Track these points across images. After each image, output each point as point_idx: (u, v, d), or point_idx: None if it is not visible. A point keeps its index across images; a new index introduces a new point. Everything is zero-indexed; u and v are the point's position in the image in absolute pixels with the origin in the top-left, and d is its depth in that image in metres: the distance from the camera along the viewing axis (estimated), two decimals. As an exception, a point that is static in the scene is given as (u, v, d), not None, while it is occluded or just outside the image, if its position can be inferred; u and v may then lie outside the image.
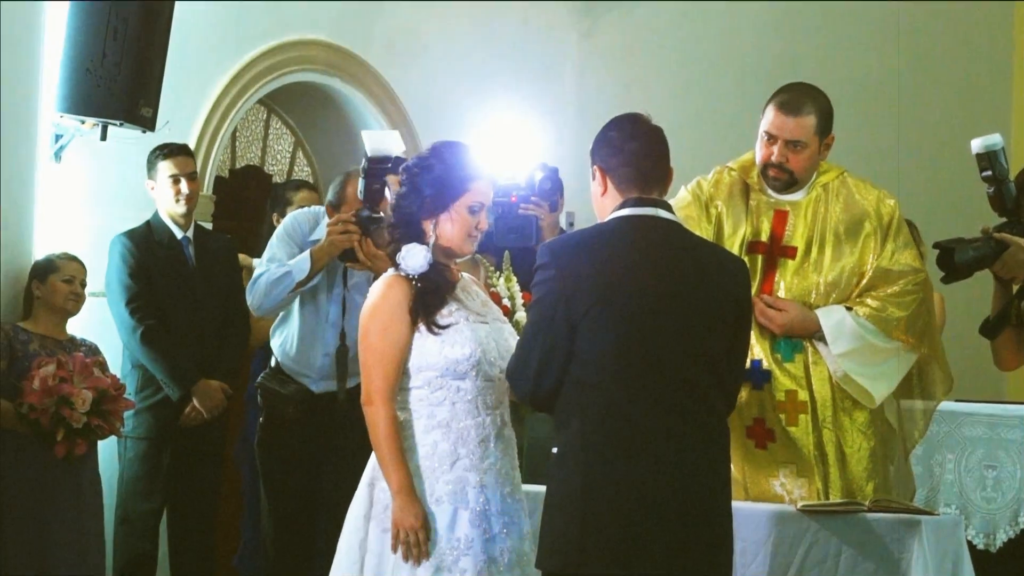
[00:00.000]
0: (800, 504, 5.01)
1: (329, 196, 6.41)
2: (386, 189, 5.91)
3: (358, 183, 6.03)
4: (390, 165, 5.89)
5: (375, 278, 5.84)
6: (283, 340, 6.49)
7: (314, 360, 6.41)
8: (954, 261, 5.64)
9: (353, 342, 6.00)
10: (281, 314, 6.50)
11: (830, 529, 4.92)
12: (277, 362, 6.50)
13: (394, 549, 4.53)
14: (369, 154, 5.93)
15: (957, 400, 6.58)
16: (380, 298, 4.65)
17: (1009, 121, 10.08)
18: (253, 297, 6.34)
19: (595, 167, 4.46)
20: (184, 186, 7.13)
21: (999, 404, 7.18)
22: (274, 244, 6.44)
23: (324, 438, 6.40)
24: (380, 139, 5.98)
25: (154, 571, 7.13)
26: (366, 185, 6.01)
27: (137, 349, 6.95)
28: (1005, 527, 6.76)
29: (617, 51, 9.72)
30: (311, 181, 9.20)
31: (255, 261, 6.45)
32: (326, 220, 6.34)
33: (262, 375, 6.54)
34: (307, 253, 6.26)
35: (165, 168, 7.12)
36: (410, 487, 4.54)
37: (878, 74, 9.93)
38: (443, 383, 4.61)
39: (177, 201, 7.13)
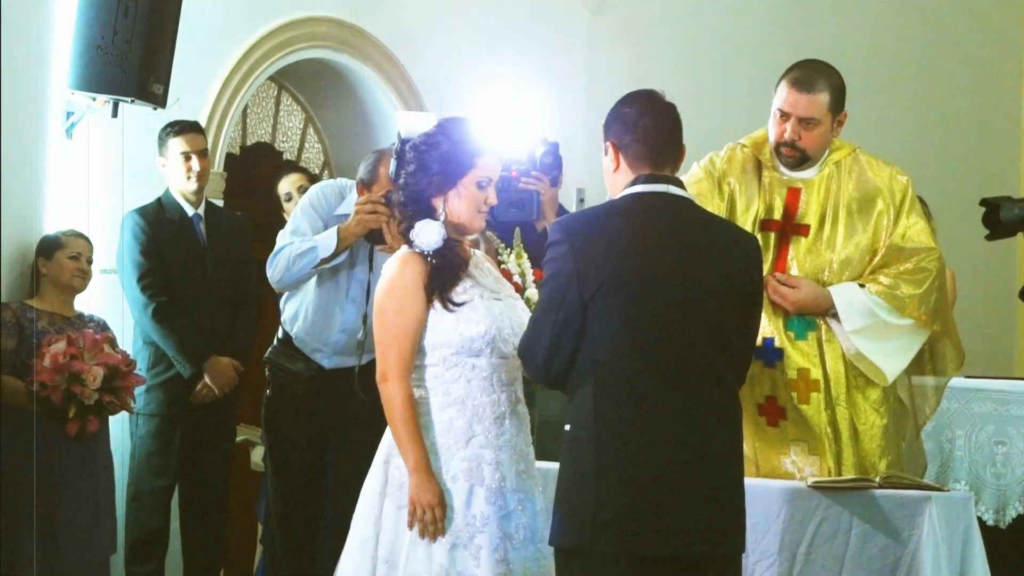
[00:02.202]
0: (811, 480, 5.02)
1: (361, 174, 6.31)
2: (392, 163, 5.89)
3: (390, 163, 6.00)
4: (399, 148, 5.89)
5: None
6: (296, 312, 6.40)
7: (329, 335, 6.37)
8: (999, 218, 5.63)
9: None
10: None
11: (840, 505, 4.93)
12: (285, 335, 6.45)
13: (410, 526, 4.54)
14: (403, 135, 5.78)
15: (967, 376, 6.58)
16: (395, 275, 4.66)
17: (1020, 96, 10.06)
18: (274, 271, 6.22)
19: (608, 143, 4.46)
20: (195, 163, 7.14)
21: (1009, 380, 7.19)
22: (298, 216, 6.32)
23: (333, 414, 6.39)
24: (415, 121, 5.88)
25: (166, 547, 7.16)
26: (397, 165, 5.82)
27: (149, 326, 6.97)
28: (1015, 503, 6.77)
29: (627, 28, 9.70)
30: (323, 158, 9.22)
31: (279, 233, 6.39)
32: (353, 195, 6.29)
33: (270, 349, 6.48)
34: (334, 230, 6.15)
35: (176, 145, 7.13)
36: (427, 464, 4.56)
37: (891, 50, 9.91)
38: (458, 360, 4.62)
39: (188, 178, 7.14)
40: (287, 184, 7.80)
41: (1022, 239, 6.49)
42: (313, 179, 8.06)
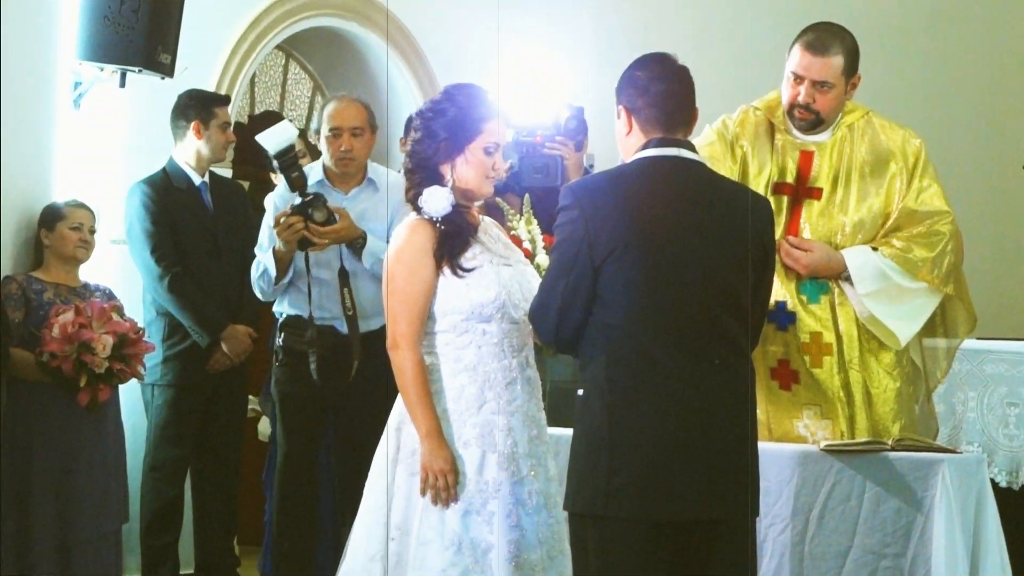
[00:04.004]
0: (823, 444, 5.02)
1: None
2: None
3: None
4: (292, 153, 6.28)
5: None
6: (297, 299, 6.52)
7: (336, 306, 6.45)
8: None
9: (360, 300, 6.36)
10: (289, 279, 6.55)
11: (853, 468, 4.94)
12: (289, 316, 6.56)
13: (423, 492, 4.55)
14: (272, 153, 6.26)
15: (979, 338, 6.55)
16: (404, 242, 4.66)
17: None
18: (255, 287, 6.57)
19: (620, 106, 4.44)
20: (231, 134, 7.22)
21: (1021, 341, 7.16)
22: (263, 229, 6.59)
23: (342, 380, 6.41)
24: (275, 136, 6.29)
25: (182, 517, 7.18)
26: (286, 177, 6.33)
27: (164, 297, 6.97)
28: (1028, 464, 6.78)
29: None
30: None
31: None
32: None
33: (280, 323, 6.58)
34: (270, 254, 6.39)
35: (223, 114, 7.16)
36: (439, 431, 4.56)
37: (901, 11, 9.86)
38: (468, 326, 4.62)
39: (227, 147, 7.24)
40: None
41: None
42: (312, 145, 8.03)
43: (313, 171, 6.62)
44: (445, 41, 8.92)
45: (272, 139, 6.27)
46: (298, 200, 6.28)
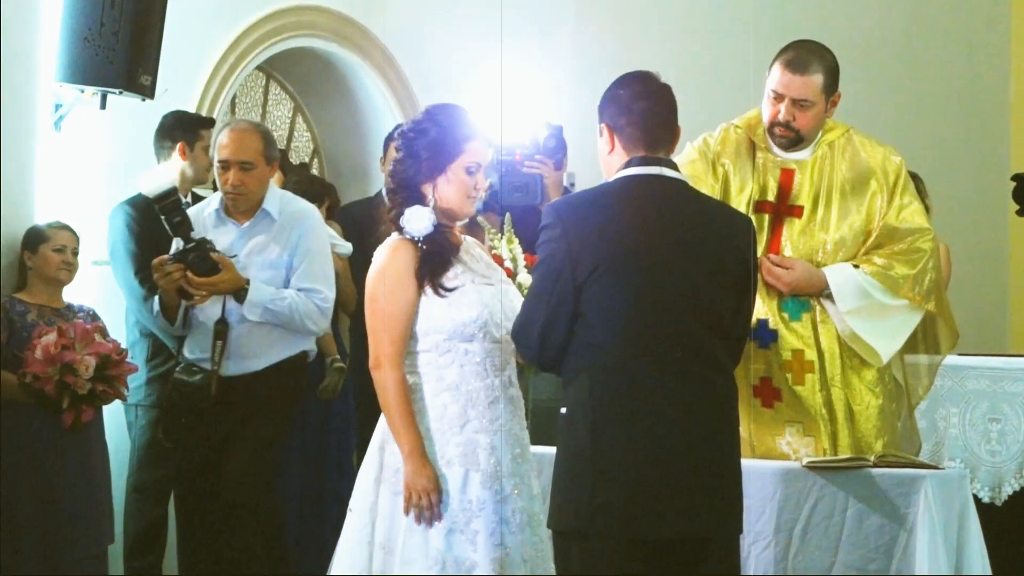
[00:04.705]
0: (806, 460, 5.03)
1: None
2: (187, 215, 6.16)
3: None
4: (174, 197, 6.12)
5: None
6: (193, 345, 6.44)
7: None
8: None
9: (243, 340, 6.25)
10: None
11: (836, 485, 4.94)
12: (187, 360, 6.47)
13: (406, 512, 4.55)
14: (152, 196, 6.13)
15: (960, 354, 6.58)
16: (386, 262, 4.66)
17: (1009, 74, 10.05)
18: (153, 325, 6.57)
19: (602, 124, 4.46)
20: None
21: (1002, 357, 7.19)
22: None
23: (232, 421, 6.35)
24: (154, 179, 6.21)
25: (166, 538, 7.15)
26: (167, 222, 6.12)
27: (148, 318, 6.95)
28: (1010, 480, 6.78)
29: (615, 9, 9.69)
30: (312, 146, 9.21)
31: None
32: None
33: (177, 369, 6.45)
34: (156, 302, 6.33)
35: (207, 137, 7.13)
36: (422, 450, 4.56)
37: (880, 29, 9.90)
38: (451, 346, 4.63)
39: (210, 169, 7.14)
40: None
41: (1013, 217, 6.48)
42: (281, 164, 8.03)
43: (212, 200, 6.49)
44: (425, 61, 8.93)
45: (151, 182, 6.14)
46: (179, 246, 6.12)
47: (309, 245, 6.37)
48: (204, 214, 6.41)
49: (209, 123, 7.28)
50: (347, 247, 7.48)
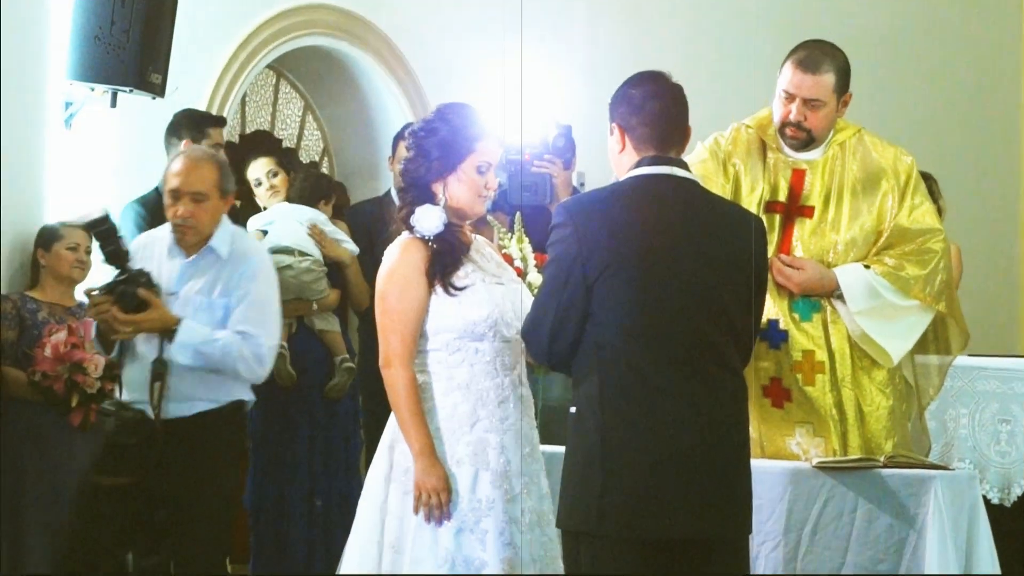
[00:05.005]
0: (815, 461, 5.03)
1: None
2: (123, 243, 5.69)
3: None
4: (108, 225, 5.65)
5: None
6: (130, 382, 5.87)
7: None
8: None
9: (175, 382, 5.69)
10: None
11: (846, 485, 4.94)
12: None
13: (416, 511, 4.55)
14: (82, 224, 5.83)
15: (970, 355, 6.58)
16: (396, 261, 4.66)
17: (1020, 75, 10.04)
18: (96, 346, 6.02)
19: (614, 124, 4.46)
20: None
21: (1013, 358, 7.18)
22: None
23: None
24: (86, 206, 5.83)
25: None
26: (101, 250, 5.67)
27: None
28: (1020, 481, 6.78)
29: (627, 7, 9.68)
30: (322, 145, 9.21)
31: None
32: None
33: (111, 403, 5.87)
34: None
35: (213, 135, 7.12)
36: (431, 449, 4.56)
37: (891, 30, 9.89)
38: (461, 345, 4.63)
39: None
40: (257, 169, 7.73)
41: (1024, 218, 6.48)
42: (289, 163, 8.03)
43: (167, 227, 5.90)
44: (435, 59, 8.93)
45: (82, 209, 5.80)
46: (110, 280, 5.63)
47: (250, 287, 5.80)
48: (158, 242, 5.89)
49: (217, 122, 7.26)
50: (354, 248, 7.49)
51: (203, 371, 5.70)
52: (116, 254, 5.64)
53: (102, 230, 5.65)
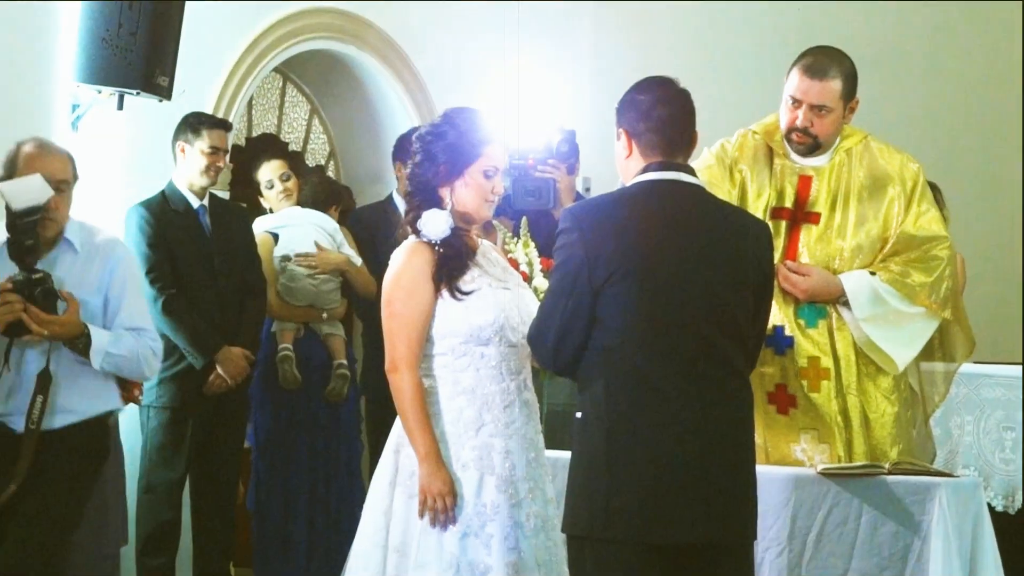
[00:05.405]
0: (820, 467, 5.02)
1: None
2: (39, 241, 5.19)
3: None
4: (37, 216, 5.15)
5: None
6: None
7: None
8: None
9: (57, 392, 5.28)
10: None
11: (850, 492, 4.94)
12: None
13: (421, 515, 4.55)
14: (14, 208, 5.12)
15: (975, 362, 6.57)
16: (403, 265, 4.67)
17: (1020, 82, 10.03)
18: None
19: (621, 129, 4.46)
20: (220, 161, 7.15)
21: (1018, 366, 7.18)
22: None
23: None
24: (23, 189, 5.15)
25: (178, 539, 7.16)
26: (16, 242, 5.16)
27: (159, 319, 6.95)
28: (1024, 488, 6.78)
29: (633, 13, 9.69)
30: (328, 148, 9.22)
31: None
32: None
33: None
34: None
35: (208, 138, 7.11)
36: (437, 453, 4.56)
37: (898, 36, 9.89)
38: (467, 349, 4.63)
39: (207, 174, 7.13)
40: (268, 171, 7.75)
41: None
42: (297, 165, 8.03)
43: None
44: (440, 64, 8.94)
45: (20, 193, 5.15)
46: (23, 275, 5.16)
47: (126, 281, 5.44)
48: None
49: (216, 124, 7.25)
50: (357, 259, 7.51)
51: (90, 380, 5.34)
52: (32, 250, 5.19)
53: (30, 220, 5.16)
